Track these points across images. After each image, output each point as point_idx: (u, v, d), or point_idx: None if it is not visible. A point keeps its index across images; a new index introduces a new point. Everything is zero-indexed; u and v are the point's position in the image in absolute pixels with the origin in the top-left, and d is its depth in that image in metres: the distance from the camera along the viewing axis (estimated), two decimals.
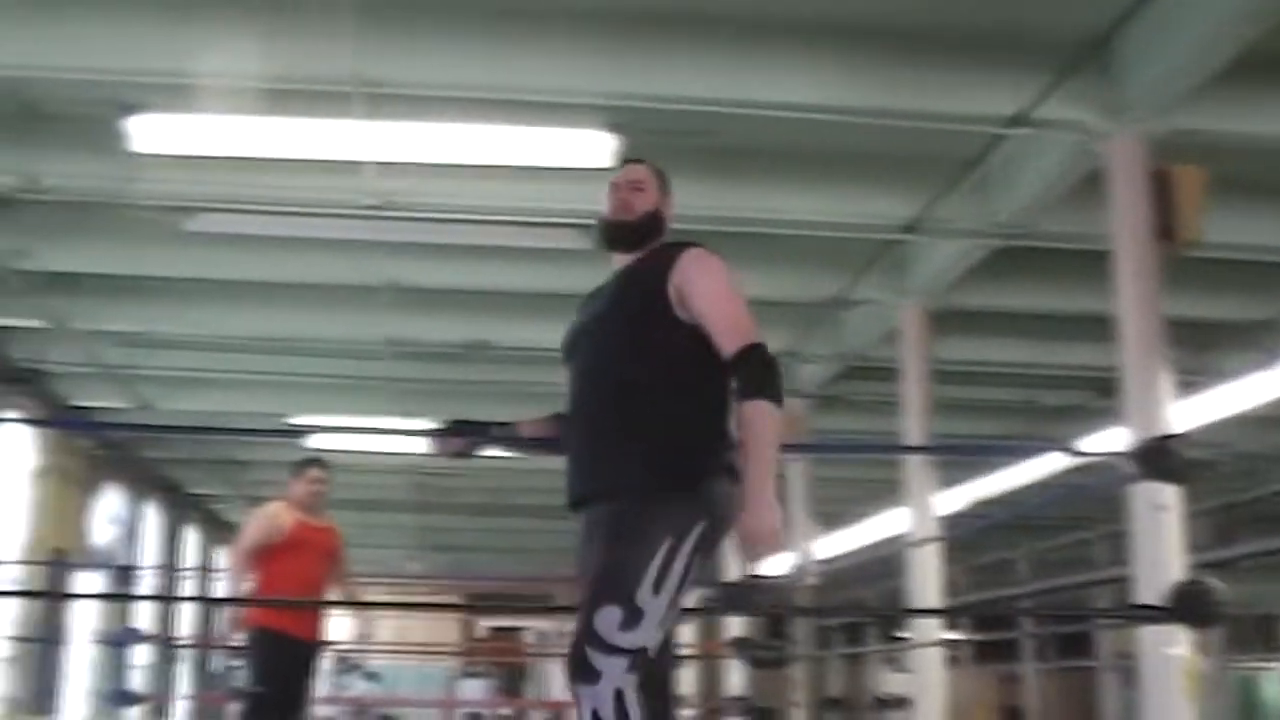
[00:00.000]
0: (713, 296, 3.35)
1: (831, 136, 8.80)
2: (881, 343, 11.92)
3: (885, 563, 17.13)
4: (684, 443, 3.29)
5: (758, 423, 3.18)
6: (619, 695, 3.03)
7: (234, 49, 7.34)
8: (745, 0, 7.42)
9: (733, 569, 16.35)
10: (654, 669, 3.16)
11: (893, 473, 12.31)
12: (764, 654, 10.49)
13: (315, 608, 6.81)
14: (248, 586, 6.80)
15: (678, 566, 3.13)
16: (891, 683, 25.97)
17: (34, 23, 7.28)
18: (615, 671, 3.04)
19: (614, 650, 3.05)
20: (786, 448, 3.36)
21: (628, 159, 3.85)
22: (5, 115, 8.72)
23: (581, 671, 3.05)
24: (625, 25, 7.46)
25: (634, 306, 3.43)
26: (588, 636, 3.06)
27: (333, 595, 7.02)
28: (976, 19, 7.44)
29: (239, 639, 6.92)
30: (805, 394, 14.00)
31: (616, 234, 3.64)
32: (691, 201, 9.28)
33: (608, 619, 3.06)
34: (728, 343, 3.27)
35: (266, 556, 6.73)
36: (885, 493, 15.78)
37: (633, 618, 3.07)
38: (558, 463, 3.54)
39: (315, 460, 7.06)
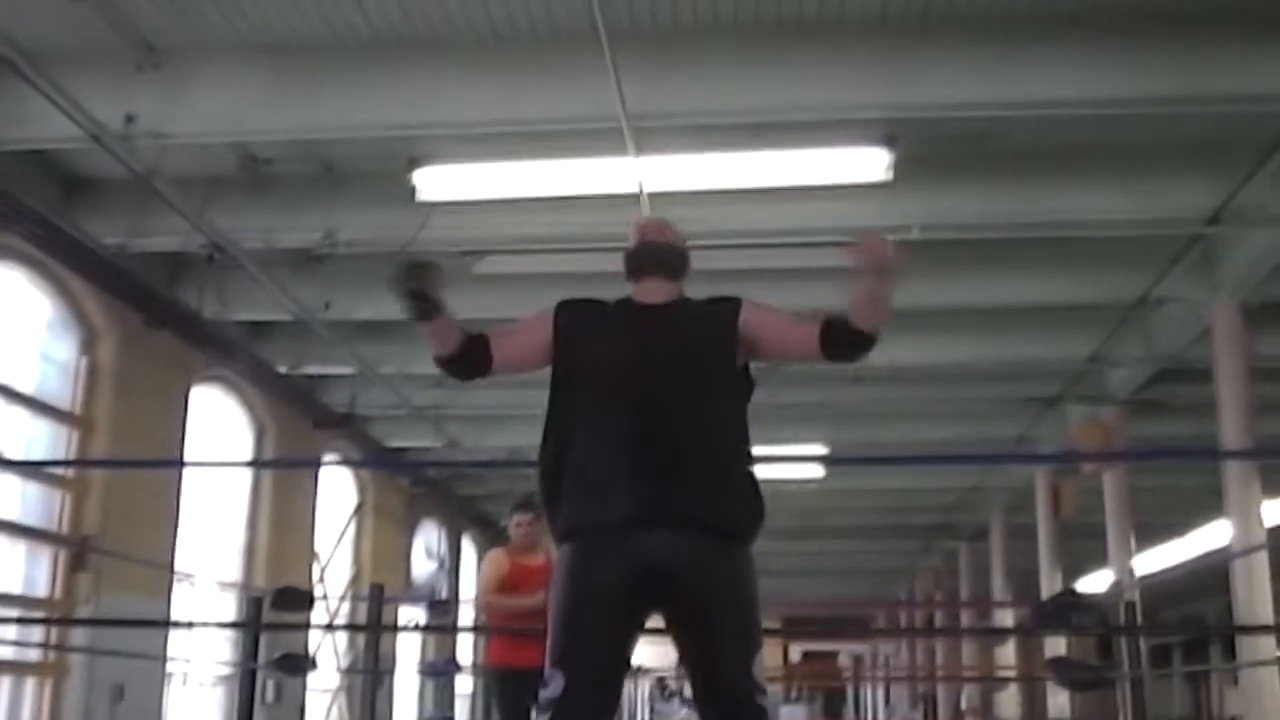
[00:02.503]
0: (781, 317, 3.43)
1: (1120, 129, 8.37)
2: (1196, 342, 11.18)
3: (1217, 577, 16.10)
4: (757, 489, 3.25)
5: None
6: None
7: (506, 97, 7.53)
8: None
9: (1048, 585, 15.78)
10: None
11: (1218, 480, 11.55)
12: (1082, 675, 9.89)
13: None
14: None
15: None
16: (1236, 703, 24.48)
17: (327, 90, 7.71)
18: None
19: (765, 692, 3.02)
20: (1098, 456, 3.06)
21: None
22: (306, 177, 9.22)
23: None
24: (892, 33, 7.24)
25: (716, 345, 3.35)
26: (756, 688, 2.99)
27: None
28: None
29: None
30: (1117, 400, 13.35)
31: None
32: (979, 209, 9.05)
33: (759, 665, 3.01)
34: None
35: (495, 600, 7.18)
36: (1211, 503, 14.87)
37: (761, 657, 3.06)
38: (869, 483, 3.32)
39: (521, 504, 7.29)
